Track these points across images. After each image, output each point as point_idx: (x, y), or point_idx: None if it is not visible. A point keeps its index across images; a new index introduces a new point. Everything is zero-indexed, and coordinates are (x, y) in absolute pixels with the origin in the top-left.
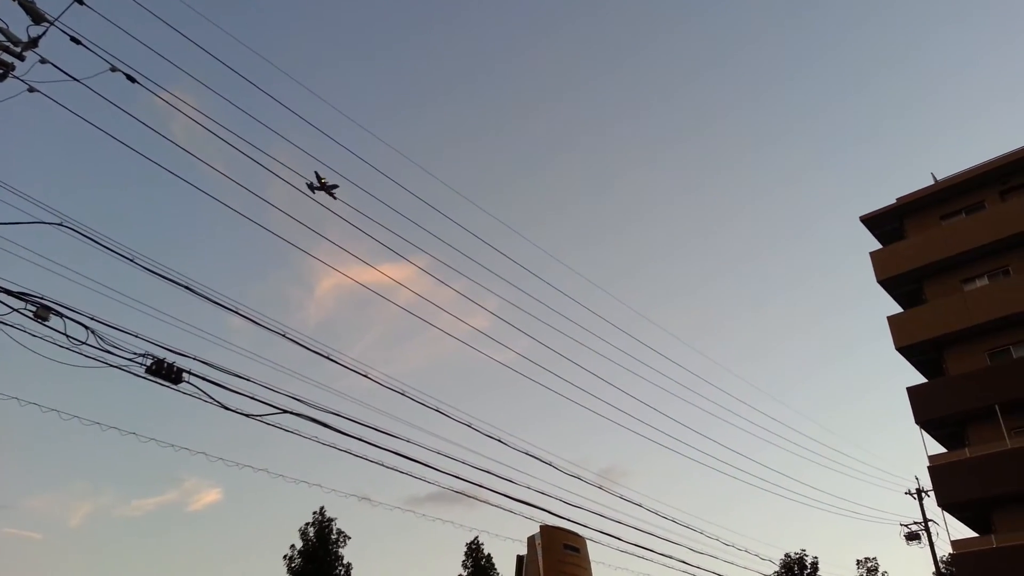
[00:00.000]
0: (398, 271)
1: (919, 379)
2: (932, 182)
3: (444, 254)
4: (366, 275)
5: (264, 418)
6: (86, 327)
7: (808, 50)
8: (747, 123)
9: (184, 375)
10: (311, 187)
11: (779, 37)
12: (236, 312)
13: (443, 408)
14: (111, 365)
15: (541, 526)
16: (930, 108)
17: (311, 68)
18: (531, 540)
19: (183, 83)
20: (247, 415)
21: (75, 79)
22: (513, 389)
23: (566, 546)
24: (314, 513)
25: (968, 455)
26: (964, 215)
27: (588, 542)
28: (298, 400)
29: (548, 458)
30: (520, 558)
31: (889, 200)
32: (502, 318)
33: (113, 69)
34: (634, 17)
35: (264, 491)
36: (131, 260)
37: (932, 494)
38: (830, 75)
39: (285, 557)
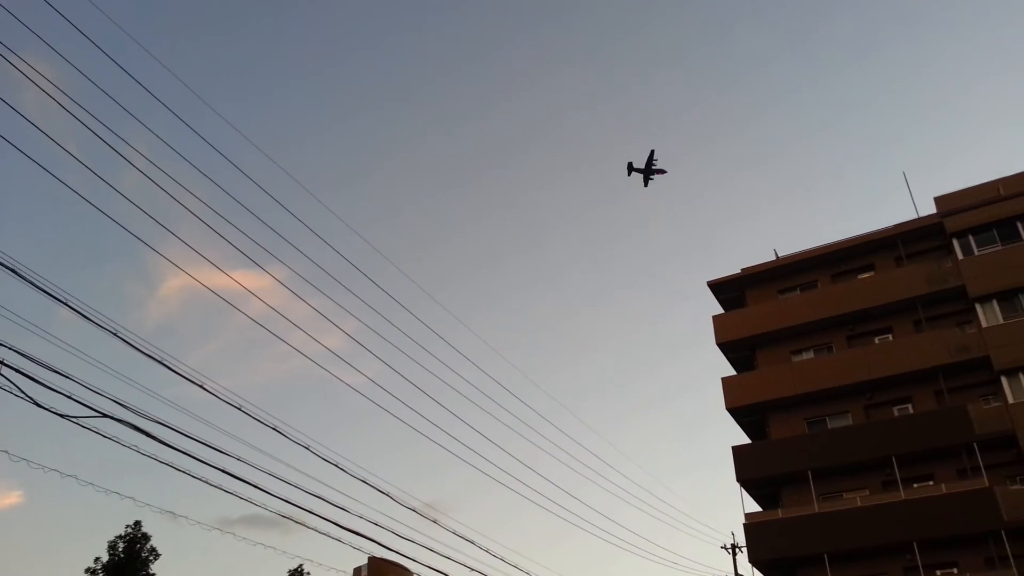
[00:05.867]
0: (253, 280)
1: (745, 439)
2: (774, 257)
3: (304, 268)
4: (217, 280)
5: (80, 420)
6: None
7: (668, 109)
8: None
9: None
10: (630, 168)
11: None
12: (66, 304)
13: (281, 428)
14: None
15: (369, 558)
16: (773, 180)
17: (185, 58)
18: (357, 572)
19: (42, 52)
20: (61, 415)
21: None
22: (360, 415)
23: None
24: (127, 526)
25: (780, 515)
26: (799, 292)
27: None
28: (121, 404)
29: (385, 487)
30: None
31: (734, 268)
32: (358, 341)
33: None
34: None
35: (72, 498)
36: None
37: (745, 550)
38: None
39: (88, 570)
